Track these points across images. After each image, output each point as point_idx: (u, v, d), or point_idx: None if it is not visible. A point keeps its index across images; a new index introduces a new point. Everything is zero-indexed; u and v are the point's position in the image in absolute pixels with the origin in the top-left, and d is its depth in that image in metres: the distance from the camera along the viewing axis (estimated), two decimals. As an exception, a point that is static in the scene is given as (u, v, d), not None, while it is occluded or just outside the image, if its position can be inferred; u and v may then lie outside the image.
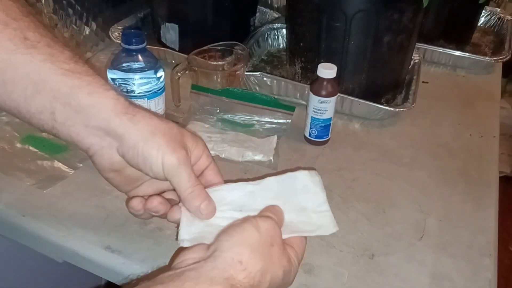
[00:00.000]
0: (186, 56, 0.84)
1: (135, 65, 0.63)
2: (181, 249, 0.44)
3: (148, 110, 0.48)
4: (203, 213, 0.48)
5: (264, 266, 0.41)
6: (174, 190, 0.48)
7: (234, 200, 0.51)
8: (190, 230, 0.47)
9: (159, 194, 0.52)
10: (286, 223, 0.49)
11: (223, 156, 0.72)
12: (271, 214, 0.47)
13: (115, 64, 0.62)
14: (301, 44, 0.86)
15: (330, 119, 0.75)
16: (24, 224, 0.59)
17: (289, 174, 0.53)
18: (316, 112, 0.74)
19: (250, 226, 0.43)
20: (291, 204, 0.51)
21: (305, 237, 0.49)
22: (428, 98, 0.92)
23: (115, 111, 0.45)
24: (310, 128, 0.76)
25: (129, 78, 0.61)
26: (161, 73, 0.66)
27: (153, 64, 0.64)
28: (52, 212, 0.60)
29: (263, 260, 0.41)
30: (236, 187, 0.52)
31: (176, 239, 0.47)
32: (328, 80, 0.73)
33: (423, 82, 0.96)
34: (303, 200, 0.52)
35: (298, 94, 0.86)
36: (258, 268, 0.41)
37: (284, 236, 0.46)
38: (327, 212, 0.51)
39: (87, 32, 0.96)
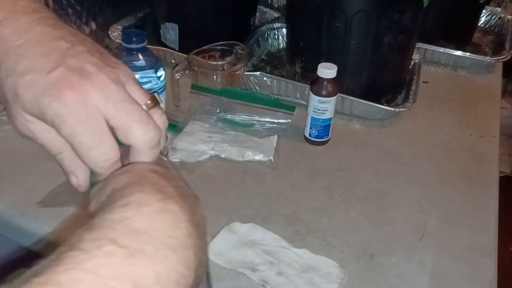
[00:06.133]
0: (186, 56, 0.84)
1: (136, 64, 0.63)
2: None
3: None
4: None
5: None
6: None
7: None
8: None
9: None
10: None
11: (223, 156, 0.72)
12: None
13: (115, 64, 0.62)
14: (301, 44, 0.86)
15: (330, 119, 0.75)
16: (24, 224, 0.59)
17: None
18: (316, 112, 0.74)
19: None
20: None
21: None
22: (428, 98, 0.92)
23: None
24: (310, 128, 0.76)
25: (129, 78, 0.61)
26: (161, 72, 0.66)
27: (153, 63, 0.64)
28: (52, 212, 0.60)
29: None
30: None
31: None
32: (328, 80, 0.73)
33: (423, 82, 0.96)
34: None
35: (298, 94, 0.86)
36: None
37: None
38: None
39: (87, 32, 0.96)
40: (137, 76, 0.63)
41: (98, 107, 0.32)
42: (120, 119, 0.32)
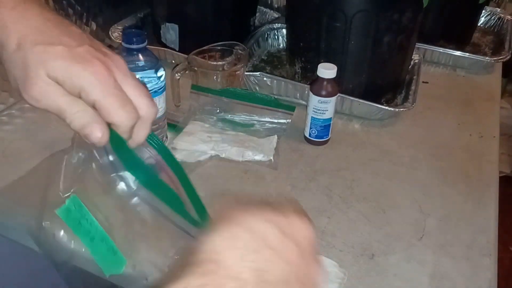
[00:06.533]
0: (186, 56, 0.84)
1: (136, 64, 0.63)
2: None
3: None
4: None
5: None
6: None
7: None
8: None
9: None
10: None
11: (223, 156, 0.72)
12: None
13: (115, 64, 0.62)
14: (301, 44, 0.86)
15: (330, 119, 0.75)
16: (24, 224, 0.59)
17: None
18: (316, 112, 0.74)
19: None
20: None
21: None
22: (428, 98, 0.92)
23: None
24: (310, 128, 0.76)
25: (129, 78, 0.61)
26: (161, 72, 0.66)
27: (154, 64, 0.64)
28: (52, 212, 0.60)
29: None
30: None
31: None
32: (328, 80, 0.73)
33: (423, 82, 0.96)
34: None
35: (298, 94, 0.86)
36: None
37: None
38: None
39: (87, 32, 0.96)
40: (137, 77, 0.63)
41: (117, 80, 0.39)
42: (134, 92, 0.40)
